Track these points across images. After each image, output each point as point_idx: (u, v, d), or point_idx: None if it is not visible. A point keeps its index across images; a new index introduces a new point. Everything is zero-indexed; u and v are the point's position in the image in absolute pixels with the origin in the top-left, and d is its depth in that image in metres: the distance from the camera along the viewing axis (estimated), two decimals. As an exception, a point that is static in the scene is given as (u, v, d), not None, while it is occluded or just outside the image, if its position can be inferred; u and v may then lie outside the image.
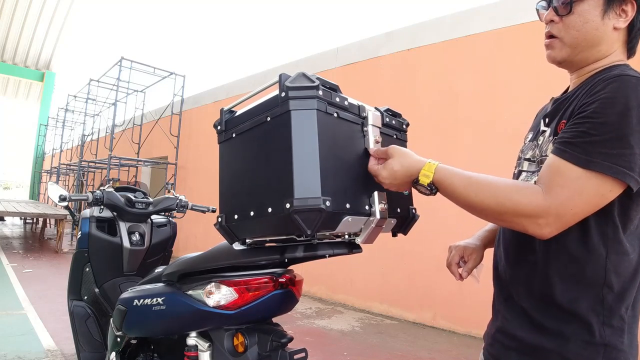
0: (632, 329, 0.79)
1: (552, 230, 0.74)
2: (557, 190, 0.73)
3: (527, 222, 0.74)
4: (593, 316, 0.76)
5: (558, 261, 0.80)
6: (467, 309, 3.82)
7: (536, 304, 0.82)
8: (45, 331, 3.35)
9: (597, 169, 0.71)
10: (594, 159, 0.71)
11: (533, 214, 0.73)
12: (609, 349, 0.76)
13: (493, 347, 0.90)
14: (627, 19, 0.84)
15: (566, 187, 0.73)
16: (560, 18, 0.86)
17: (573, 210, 0.73)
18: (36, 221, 11.53)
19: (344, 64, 5.42)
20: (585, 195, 0.72)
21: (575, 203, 0.72)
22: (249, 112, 1.00)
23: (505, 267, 0.91)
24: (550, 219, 0.73)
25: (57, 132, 14.74)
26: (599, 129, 0.72)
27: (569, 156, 0.74)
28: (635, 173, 0.71)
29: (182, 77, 8.68)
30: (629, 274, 0.78)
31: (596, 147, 0.72)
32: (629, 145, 0.70)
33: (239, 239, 1.05)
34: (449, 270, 1.10)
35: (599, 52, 0.85)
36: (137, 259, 2.10)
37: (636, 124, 0.71)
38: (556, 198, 0.73)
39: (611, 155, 0.71)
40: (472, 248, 1.08)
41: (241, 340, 1.27)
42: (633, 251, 0.78)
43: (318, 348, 3.36)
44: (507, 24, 3.92)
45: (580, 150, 0.73)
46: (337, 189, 0.85)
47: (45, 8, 15.19)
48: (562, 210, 0.72)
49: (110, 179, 7.78)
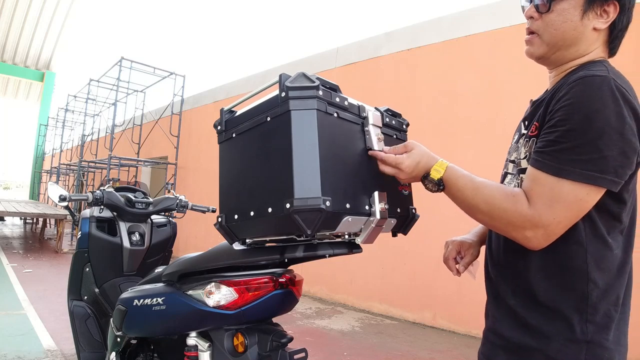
0: (620, 325, 0.79)
1: (540, 242, 0.76)
2: (537, 200, 0.75)
3: (516, 234, 0.77)
4: (575, 314, 0.77)
5: (541, 259, 0.80)
6: (467, 309, 3.82)
7: (521, 302, 0.83)
8: (45, 331, 3.35)
9: (569, 177, 0.72)
10: (564, 167, 0.72)
11: (520, 225, 0.75)
12: (592, 345, 0.76)
13: (485, 346, 0.91)
14: (607, 20, 0.83)
15: (544, 196, 0.74)
16: (539, 15, 0.87)
17: (557, 220, 0.74)
18: (36, 221, 11.53)
19: (344, 64, 5.42)
20: (563, 203, 0.73)
21: (556, 212, 0.73)
22: (249, 112, 1.00)
23: (493, 266, 0.93)
24: (538, 231, 0.74)
25: (57, 132, 14.75)
26: (567, 136, 0.73)
27: (542, 165, 0.75)
28: (610, 174, 0.71)
29: (182, 77, 8.68)
30: (614, 270, 0.78)
31: (565, 154, 0.73)
32: (597, 150, 0.71)
33: (239, 239, 1.05)
34: (445, 266, 1.10)
35: (577, 51, 0.86)
36: (137, 259, 2.10)
37: (603, 126, 0.71)
38: (538, 209, 0.74)
39: (581, 161, 0.71)
40: (468, 243, 1.09)
41: (241, 340, 1.27)
42: (617, 247, 0.79)
43: (318, 348, 3.36)
44: (507, 24, 3.92)
45: (550, 158, 0.74)
46: (337, 189, 0.85)
47: (45, 8, 15.18)
48: (545, 221, 0.74)
49: (110, 179, 7.78)
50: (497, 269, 0.90)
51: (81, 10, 16.62)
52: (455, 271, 1.08)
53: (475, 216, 0.84)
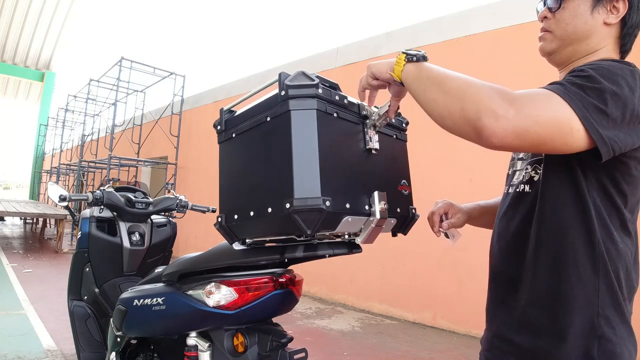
0: (628, 321, 0.80)
1: (505, 125, 0.67)
2: (531, 97, 0.70)
3: (483, 108, 0.69)
4: (586, 309, 0.76)
5: (549, 256, 0.80)
6: (467, 309, 3.82)
7: (531, 303, 0.82)
8: (45, 331, 3.35)
9: (572, 103, 0.69)
10: (573, 96, 0.70)
11: (494, 102, 0.69)
12: (603, 340, 0.76)
13: (491, 353, 0.90)
14: (618, 16, 0.85)
15: (539, 100, 0.70)
16: (552, 14, 0.89)
17: (534, 118, 0.68)
18: (36, 221, 11.53)
19: (344, 64, 5.42)
20: (552, 113, 0.69)
21: (541, 113, 0.68)
22: (249, 111, 1.00)
23: (500, 268, 0.92)
24: (510, 111, 0.67)
25: (57, 132, 14.76)
26: (584, 79, 0.72)
27: (551, 87, 0.73)
28: (602, 128, 0.69)
29: (182, 77, 8.68)
30: (623, 263, 0.79)
31: (575, 87, 0.71)
32: (605, 102, 0.70)
33: (239, 239, 1.05)
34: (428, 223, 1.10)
35: (588, 45, 0.87)
36: (137, 259, 2.10)
37: (615, 90, 0.70)
38: (526, 99, 0.69)
39: (588, 102, 0.70)
40: (458, 208, 1.10)
41: (241, 340, 1.27)
42: (622, 242, 0.79)
43: (318, 348, 3.36)
44: (507, 24, 3.92)
45: (561, 86, 0.72)
46: (337, 189, 0.85)
47: (45, 8, 15.19)
48: (525, 110, 0.68)
49: (110, 179, 7.78)
50: (506, 269, 0.89)
51: (81, 10, 16.64)
52: (437, 228, 1.09)
53: (434, 97, 0.78)
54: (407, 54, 0.86)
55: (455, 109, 0.73)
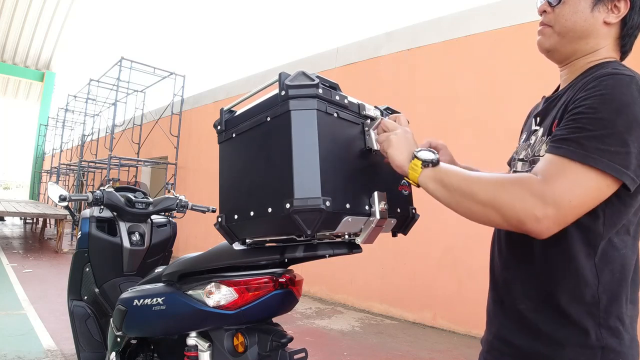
0: (633, 327, 0.78)
1: (550, 225, 0.70)
2: (554, 180, 0.70)
3: (523, 215, 0.70)
4: (588, 318, 0.75)
5: (549, 262, 0.79)
6: (467, 309, 3.82)
7: (532, 307, 0.81)
8: (45, 331, 3.35)
9: (596, 164, 0.69)
10: (591, 154, 0.70)
11: (530, 204, 0.69)
12: (607, 351, 0.74)
13: (490, 354, 0.89)
14: (619, 15, 0.84)
15: (563, 178, 0.70)
16: (552, 8, 0.88)
17: (572, 203, 0.69)
18: (36, 221, 11.53)
19: (344, 64, 5.42)
20: (583, 188, 0.70)
21: (574, 195, 0.69)
22: (249, 111, 1.00)
23: (501, 270, 0.91)
24: (549, 210, 0.68)
25: (57, 132, 14.75)
26: (596, 124, 0.71)
27: (566, 152, 0.72)
28: (631, 172, 0.70)
29: (182, 77, 8.68)
30: (623, 272, 0.77)
31: (593, 142, 0.70)
32: (625, 144, 0.69)
33: (239, 239, 1.05)
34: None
35: (587, 44, 0.86)
36: (137, 259, 2.10)
37: (631, 122, 0.70)
38: (554, 187, 0.69)
39: (609, 152, 0.69)
40: (444, 150, 1.08)
41: (241, 340, 1.27)
42: (624, 247, 0.78)
43: (318, 348, 3.36)
44: (507, 24, 3.92)
45: (576, 145, 0.71)
46: (337, 189, 0.85)
47: (45, 8, 15.19)
48: (560, 200, 0.69)
49: (110, 179, 7.78)
50: (507, 272, 0.89)
51: (81, 10, 16.64)
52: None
53: (469, 208, 0.77)
54: (423, 161, 0.82)
55: (496, 218, 0.74)
